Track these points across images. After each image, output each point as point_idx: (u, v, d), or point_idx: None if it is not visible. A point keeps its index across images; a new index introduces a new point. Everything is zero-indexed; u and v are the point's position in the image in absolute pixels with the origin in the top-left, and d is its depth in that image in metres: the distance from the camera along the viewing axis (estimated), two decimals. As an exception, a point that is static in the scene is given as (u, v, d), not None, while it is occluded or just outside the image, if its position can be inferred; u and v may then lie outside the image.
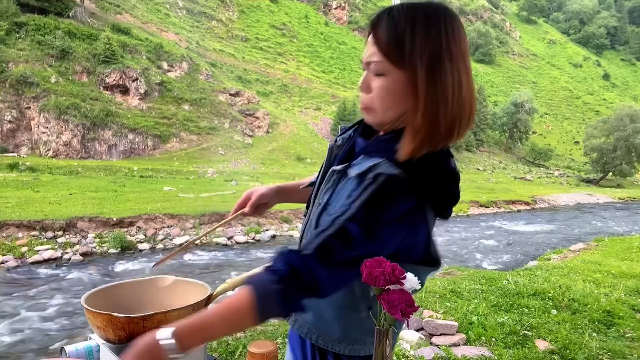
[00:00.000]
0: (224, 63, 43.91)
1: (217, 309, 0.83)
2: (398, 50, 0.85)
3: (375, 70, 0.89)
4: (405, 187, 0.84)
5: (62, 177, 19.47)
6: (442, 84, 0.85)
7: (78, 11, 32.37)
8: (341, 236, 0.83)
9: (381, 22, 0.88)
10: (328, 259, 0.83)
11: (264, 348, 1.08)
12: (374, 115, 0.93)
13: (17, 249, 9.23)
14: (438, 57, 0.85)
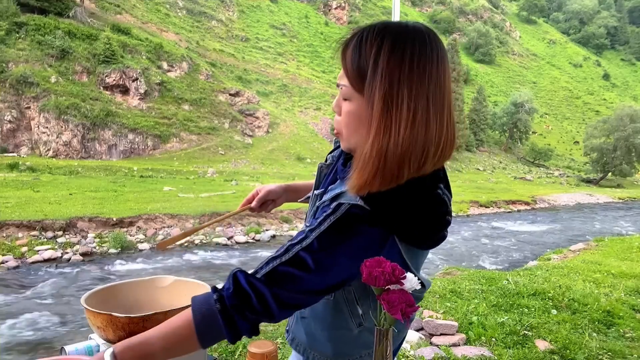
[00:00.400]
0: (224, 63, 43.91)
1: (158, 330, 0.79)
2: (360, 77, 0.81)
3: (343, 95, 0.86)
4: (366, 218, 0.79)
5: (62, 177, 19.47)
6: (396, 117, 0.78)
7: (78, 11, 32.37)
8: (293, 265, 0.79)
9: (350, 46, 0.84)
10: (277, 285, 0.79)
11: (264, 348, 1.08)
12: (342, 140, 0.89)
13: (17, 249, 9.24)
14: (396, 88, 0.78)
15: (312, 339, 1.02)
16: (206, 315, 0.77)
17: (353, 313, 0.94)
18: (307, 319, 1.01)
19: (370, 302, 0.92)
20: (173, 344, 0.78)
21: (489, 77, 72.95)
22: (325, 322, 0.97)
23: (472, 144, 50.25)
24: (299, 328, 1.05)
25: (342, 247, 0.80)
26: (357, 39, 0.83)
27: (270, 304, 0.78)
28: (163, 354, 0.78)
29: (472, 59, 73.73)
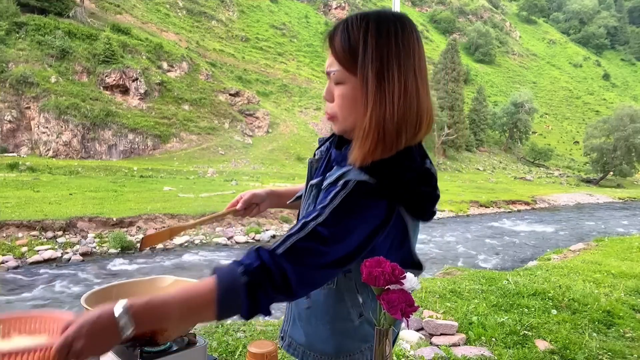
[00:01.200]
0: (224, 63, 43.92)
1: (178, 294, 0.78)
2: (352, 59, 0.88)
3: (335, 79, 0.92)
4: (374, 191, 0.85)
5: (62, 177, 19.46)
6: (391, 87, 0.86)
7: (78, 11, 32.38)
8: (311, 240, 0.83)
9: (337, 33, 0.91)
10: (297, 260, 0.82)
11: (264, 348, 1.08)
12: (337, 123, 0.95)
13: (17, 249, 9.23)
14: (387, 64, 0.86)
15: (313, 338, 1.03)
16: (230, 287, 0.78)
17: (354, 302, 0.97)
18: (306, 319, 1.03)
19: (369, 291, 0.95)
20: (190, 310, 0.78)
21: (489, 77, 72.95)
22: (327, 314, 0.99)
23: (472, 144, 50.24)
24: (296, 330, 1.06)
25: (355, 220, 0.84)
26: (343, 26, 0.90)
27: (291, 280, 0.81)
28: (177, 320, 0.77)
29: (472, 59, 73.73)
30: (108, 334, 0.71)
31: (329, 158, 1.04)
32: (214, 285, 0.78)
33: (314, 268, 0.83)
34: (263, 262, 0.80)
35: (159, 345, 1.04)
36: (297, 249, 0.82)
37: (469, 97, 53.73)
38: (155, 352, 1.03)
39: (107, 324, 0.70)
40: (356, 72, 0.88)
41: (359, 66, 0.87)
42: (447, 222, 16.56)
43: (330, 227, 0.83)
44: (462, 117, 47.78)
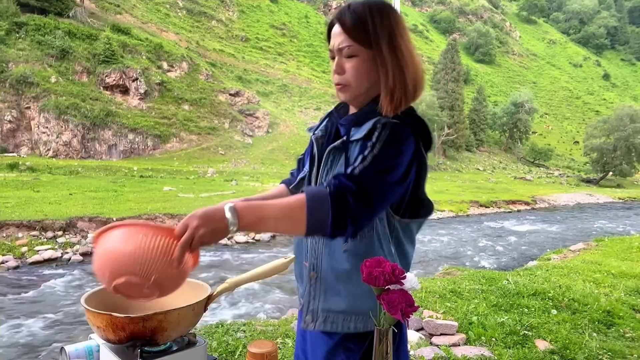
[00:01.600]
0: (224, 63, 43.92)
1: (275, 201, 0.97)
2: (363, 33, 1.07)
3: (348, 54, 1.09)
4: (407, 130, 1.05)
5: (62, 177, 19.46)
6: (402, 54, 1.08)
7: (78, 11, 32.39)
8: (374, 164, 1.01)
9: (345, 15, 1.09)
10: (370, 177, 1.00)
11: (264, 348, 1.08)
12: (349, 91, 1.13)
13: (17, 249, 9.23)
14: (394, 36, 1.08)
15: (357, 298, 1.09)
16: (316, 197, 0.95)
17: (388, 251, 1.10)
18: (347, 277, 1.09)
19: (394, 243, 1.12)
20: (284, 214, 0.95)
21: (489, 77, 72.95)
22: None
23: (472, 144, 50.24)
24: (331, 300, 1.11)
25: (399, 149, 1.03)
26: (350, 10, 1.09)
27: (368, 190, 0.98)
28: (273, 220, 0.94)
29: (472, 59, 73.73)
30: (221, 226, 0.90)
31: (335, 131, 1.19)
32: (304, 199, 0.95)
33: (382, 184, 1.00)
34: (341, 181, 0.98)
35: (159, 345, 1.04)
36: (366, 168, 1.00)
37: (469, 97, 53.73)
38: (155, 352, 1.03)
39: (219, 217, 0.90)
40: (368, 45, 1.07)
41: (371, 39, 1.07)
42: (447, 222, 16.56)
43: (384, 155, 1.01)
44: (462, 117, 47.77)
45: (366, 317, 1.07)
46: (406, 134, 1.05)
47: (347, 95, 1.14)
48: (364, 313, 1.07)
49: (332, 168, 1.12)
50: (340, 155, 1.11)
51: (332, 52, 1.13)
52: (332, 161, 1.13)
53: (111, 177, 20.78)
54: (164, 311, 1.01)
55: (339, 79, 1.12)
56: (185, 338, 1.11)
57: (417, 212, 1.14)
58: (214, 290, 1.15)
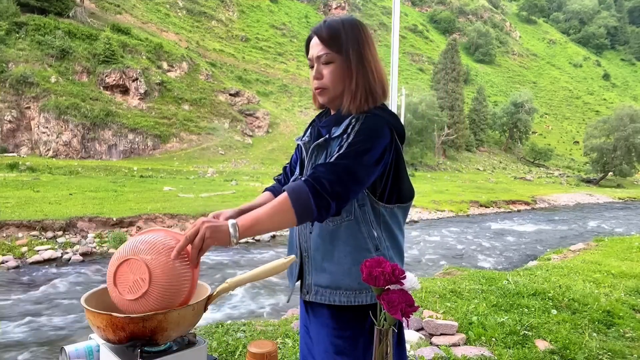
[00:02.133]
0: (224, 63, 43.91)
1: (263, 209, 1.09)
2: (338, 43, 1.25)
3: (325, 60, 1.26)
4: (381, 119, 1.22)
5: (62, 177, 19.46)
6: (367, 62, 1.26)
7: (78, 11, 32.38)
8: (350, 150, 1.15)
9: (322, 28, 1.28)
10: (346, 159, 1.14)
11: (264, 348, 1.08)
12: (327, 94, 1.29)
13: (17, 249, 9.23)
14: (362, 46, 1.26)
15: (337, 275, 1.24)
16: (297, 189, 1.09)
17: (370, 234, 1.24)
18: (330, 256, 1.25)
19: (384, 228, 1.27)
20: (275, 215, 1.08)
21: (489, 77, 72.95)
22: (348, 245, 1.24)
23: (472, 144, 50.23)
24: (320, 276, 1.27)
25: (372, 136, 1.18)
26: (326, 25, 1.28)
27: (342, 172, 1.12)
28: (268, 223, 1.08)
29: (472, 59, 73.74)
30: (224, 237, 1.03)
31: (318, 133, 1.35)
32: (287, 195, 1.09)
33: (355, 164, 1.14)
34: (316, 168, 1.13)
35: (159, 345, 1.04)
36: (342, 154, 1.15)
37: (469, 97, 53.73)
38: (155, 352, 1.03)
39: (223, 230, 1.03)
40: (340, 52, 1.25)
41: (343, 49, 1.25)
42: (447, 222, 16.56)
43: (357, 141, 1.17)
44: (462, 117, 47.76)
45: (348, 292, 1.24)
46: (380, 123, 1.21)
47: (325, 98, 1.30)
48: (345, 288, 1.24)
49: (316, 162, 1.28)
50: (323, 152, 1.28)
51: (311, 61, 1.29)
52: (315, 156, 1.29)
53: (111, 177, 20.78)
54: (163, 311, 1.01)
55: (318, 83, 1.28)
56: (185, 338, 1.11)
57: (401, 198, 1.28)
58: (214, 290, 1.15)
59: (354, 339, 1.25)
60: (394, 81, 3.75)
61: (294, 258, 1.19)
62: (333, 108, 1.33)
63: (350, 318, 1.25)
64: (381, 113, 1.24)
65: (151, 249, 1.03)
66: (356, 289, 1.23)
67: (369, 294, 1.22)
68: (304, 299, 1.33)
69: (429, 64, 63.88)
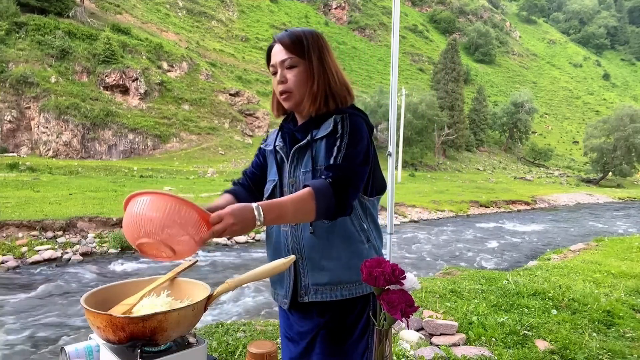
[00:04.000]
0: (224, 63, 43.91)
1: (287, 198, 1.15)
2: (300, 48, 1.30)
3: (289, 64, 1.31)
4: (360, 118, 1.31)
5: (62, 177, 19.46)
6: (328, 67, 1.33)
7: (78, 11, 32.37)
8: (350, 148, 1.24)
9: (284, 36, 1.32)
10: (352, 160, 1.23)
11: (264, 348, 1.08)
12: (292, 98, 1.33)
13: (17, 249, 9.22)
14: (323, 52, 1.33)
15: (338, 270, 1.29)
16: (322, 189, 1.15)
17: (361, 227, 1.32)
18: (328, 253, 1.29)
19: (371, 221, 1.35)
20: (299, 207, 1.13)
21: (489, 77, 72.94)
22: (344, 237, 1.29)
23: (472, 144, 50.23)
24: (317, 275, 1.30)
25: (361, 134, 1.27)
26: (288, 33, 1.33)
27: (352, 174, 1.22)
28: (292, 216, 1.13)
29: (472, 59, 73.73)
30: (250, 223, 1.05)
31: (291, 137, 1.38)
32: (312, 191, 1.14)
33: (361, 164, 1.24)
34: (334, 170, 1.20)
35: (159, 346, 1.04)
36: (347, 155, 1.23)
37: (469, 97, 53.72)
38: (155, 352, 1.03)
39: (250, 216, 1.05)
40: (303, 56, 1.30)
41: (306, 54, 1.30)
42: (447, 222, 16.56)
43: (353, 142, 1.24)
44: (462, 117, 47.76)
45: (349, 284, 1.29)
46: (360, 122, 1.29)
47: (290, 103, 1.34)
48: (346, 282, 1.29)
49: (298, 164, 1.33)
50: (305, 153, 1.32)
51: (274, 68, 1.33)
52: (297, 159, 1.33)
53: (111, 177, 20.78)
54: (163, 311, 1.01)
55: (283, 87, 1.32)
56: (185, 338, 1.11)
57: (378, 189, 1.37)
58: (214, 291, 1.15)
59: (353, 326, 1.32)
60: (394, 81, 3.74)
61: (294, 258, 1.19)
62: (299, 113, 1.38)
63: (347, 309, 1.31)
64: (358, 112, 1.32)
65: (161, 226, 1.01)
66: (356, 281, 1.28)
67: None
68: (300, 301, 1.33)
69: (429, 64, 63.87)
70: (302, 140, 1.33)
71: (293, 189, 1.32)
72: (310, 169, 1.29)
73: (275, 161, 1.41)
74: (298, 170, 1.33)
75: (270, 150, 1.44)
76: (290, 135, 1.39)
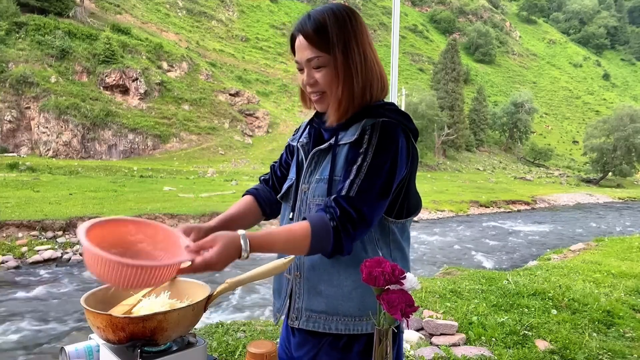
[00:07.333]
0: (224, 63, 43.90)
1: (281, 230, 1.03)
2: (326, 40, 1.08)
3: (317, 64, 1.10)
4: (398, 128, 1.08)
5: (62, 177, 19.46)
6: (353, 62, 1.08)
7: (78, 11, 32.37)
8: (370, 177, 1.03)
9: (306, 26, 1.10)
10: (367, 197, 1.02)
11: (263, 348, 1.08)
12: (326, 99, 1.13)
13: (17, 249, 9.23)
14: (348, 42, 1.08)
15: (336, 299, 1.11)
16: (321, 231, 0.99)
17: (375, 255, 1.10)
18: (329, 279, 1.12)
19: (391, 249, 1.15)
20: (289, 245, 1.01)
21: (489, 77, 72.93)
22: (351, 266, 1.10)
23: (472, 144, 50.23)
24: (314, 300, 1.14)
25: (392, 151, 1.06)
26: (309, 20, 1.10)
27: (367, 214, 1.02)
28: (280, 248, 1.02)
29: (472, 59, 73.71)
30: (234, 255, 0.94)
31: (319, 135, 1.21)
32: (309, 230, 0.99)
33: (379, 197, 1.04)
34: (343, 208, 1.00)
35: (159, 345, 1.04)
36: (363, 189, 1.02)
37: (469, 97, 53.71)
38: (155, 352, 1.03)
39: (234, 253, 0.94)
40: (328, 51, 1.08)
41: (331, 49, 1.07)
42: (447, 222, 16.57)
43: (379, 162, 1.04)
44: (462, 117, 47.76)
45: (347, 318, 1.11)
46: (396, 133, 1.07)
47: (324, 106, 1.15)
48: (344, 314, 1.11)
49: (315, 169, 1.16)
50: (325, 158, 1.14)
51: (300, 64, 1.13)
52: (316, 163, 1.16)
53: (111, 177, 20.78)
54: (163, 311, 1.01)
55: (313, 89, 1.13)
56: (185, 338, 1.11)
57: (410, 209, 1.17)
58: (214, 290, 1.15)
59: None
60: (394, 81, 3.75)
61: (294, 258, 1.18)
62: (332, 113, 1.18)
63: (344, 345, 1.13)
64: (396, 116, 1.10)
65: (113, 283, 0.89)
66: (355, 316, 1.11)
67: (369, 323, 1.10)
68: (290, 325, 1.19)
69: (429, 64, 63.87)
70: (328, 139, 1.16)
71: (305, 196, 1.16)
72: (326, 176, 1.12)
73: (296, 159, 1.26)
74: (313, 176, 1.16)
75: (294, 145, 1.30)
76: (316, 132, 1.22)
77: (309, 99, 1.19)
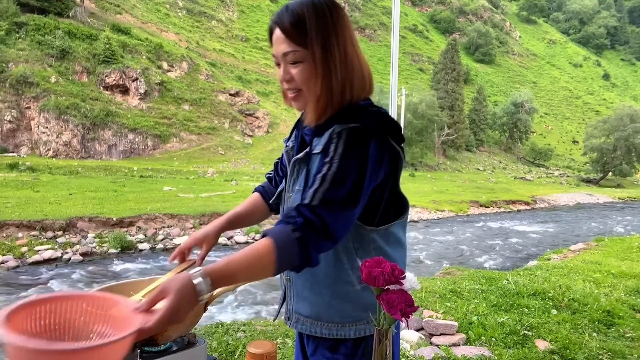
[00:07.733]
0: (224, 63, 43.90)
1: (240, 256, 0.90)
2: (303, 33, 1.01)
3: (294, 59, 1.03)
4: (364, 133, 1.00)
5: (62, 177, 19.46)
6: (332, 58, 1.02)
7: (78, 11, 32.37)
8: (334, 187, 0.95)
9: (283, 18, 1.03)
10: (330, 207, 0.94)
11: (263, 348, 1.08)
12: (302, 97, 1.07)
13: (17, 249, 9.23)
14: (327, 37, 1.02)
15: (318, 307, 1.11)
16: (285, 245, 0.90)
17: (352, 265, 1.07)
18: (310, 287, 1.11)
19: (370, 253, 1.07)
20: (253, 270, 0.90)
21: (489, 77, 72.93)
22: (328, 277, 1.08)
23: (472, 144, 50.24)
24: (301, 304, 1.14)
25: (359, 158, 0.98)
26: (286, 12, 1.03)
27: (330, 225, 0.93)
28: (243, 279, 0.91)
29: (472, 59, 73.71)
30: (192, 303, 0.82)
31: (301, 140, 1.15)
32: (273, 247, 0.89)
33: (344, 209, 0.96)
34: (306, 217, 0.92)
35: (159, 345, 1.04)
36: (327, 198, 0.94)
37: (469, 97, 53.72)
38: (155, 352, 1.03)
39: (191, 295, 0.81)
40: (306, 45, 1.02)
41: (308, 43, 1.01)
42: (447, 222, 16.57)
43: (344, 170, 0.96)
44: (462, 117, 47.77)
45: (330, 324, 1.10)
46: (366, 139, 0.99)
47: (300, 103, 1.09)
48: (327, 321, 1.10)
49: (297, 178, 1.11)
50: (304, 168, 1.09)
51: (277, 59, 1.06)
52: (297, 171, 1.12)
53: (111, 177, 20.78)
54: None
55: (289, 85, 1.07)
56: (185, 338, 1.11)
57: (397, 212, 1.10)
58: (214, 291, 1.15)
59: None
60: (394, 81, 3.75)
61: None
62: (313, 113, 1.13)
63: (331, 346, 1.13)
64: (369, 120, 1.02)
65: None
66: (338, 322, 1.10)
67: (351, 328, 1.09)
68: (287, 325, 1.21)
69: (429, 64, 63.87)
70: (309, 144, 1.10)
71: (291, 204, 1.10)
72: (303, 187, 1.07)
73: (286, 164, 1.22)
74: (295, 186, 1.12)
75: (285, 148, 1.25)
76: (300, 135, 1.17)
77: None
